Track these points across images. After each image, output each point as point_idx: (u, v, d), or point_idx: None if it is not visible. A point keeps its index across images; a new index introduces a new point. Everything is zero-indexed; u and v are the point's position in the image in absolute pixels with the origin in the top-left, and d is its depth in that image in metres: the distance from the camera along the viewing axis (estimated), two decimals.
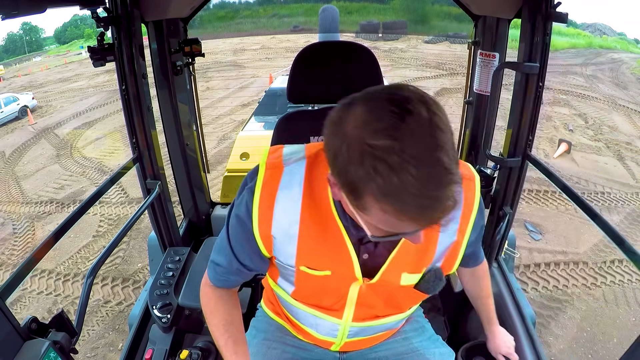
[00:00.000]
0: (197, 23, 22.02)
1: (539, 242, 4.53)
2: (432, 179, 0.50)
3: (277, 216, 0.73)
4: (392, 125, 0.50)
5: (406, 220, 0.53)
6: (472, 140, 1.82)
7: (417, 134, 0.50)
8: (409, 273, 0.80)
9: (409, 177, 0.49)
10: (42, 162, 8.02)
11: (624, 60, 17.25)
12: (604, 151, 7.35)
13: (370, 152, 0.50)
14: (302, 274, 0.80)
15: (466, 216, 0.78)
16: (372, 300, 0.85)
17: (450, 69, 14.23)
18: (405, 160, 0.49)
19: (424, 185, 0.50)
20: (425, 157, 0.50)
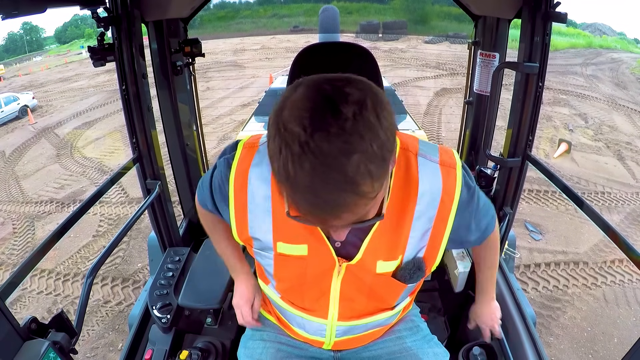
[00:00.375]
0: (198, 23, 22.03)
1: (539, 242, 4.53)
2: (326, 182, 0.50)
3: (252, 188, 0.77)
4: (311, 117, 0.50)
5: (300, 209, 0.55)
6: (472, 140, 1.82)
7: (332, 134, 0.49)
8: (384, 260, 0.79)
9: (303, 171, 0.50)
10: (42, 161, 8.02)
11: (624, 60, 17.25)
12: (604, 151, 7.35)
13: (282, 134, 0.51)
14: (280, 258, 0.81)
15: (446, 204, 0.75)
16: (354, 294, 0.85)
17: (451, 69, 14.23)
18: (306, 153, 0.49)
19: (314, 184, 0.50)
20: (328, 159, 0.49)
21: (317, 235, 0.77)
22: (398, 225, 0.76)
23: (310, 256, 0.79)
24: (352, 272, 0.81)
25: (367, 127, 0.51)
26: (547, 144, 7.51)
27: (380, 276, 0.82)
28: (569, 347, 3.19)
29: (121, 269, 4.29)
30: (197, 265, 1.39)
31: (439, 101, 10.37)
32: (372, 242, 0.77)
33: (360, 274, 0.81)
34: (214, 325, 1.50)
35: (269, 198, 0.76)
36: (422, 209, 0.75)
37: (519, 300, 1.44)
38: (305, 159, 0.49)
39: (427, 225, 0.77)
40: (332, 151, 0.49)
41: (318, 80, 0.56)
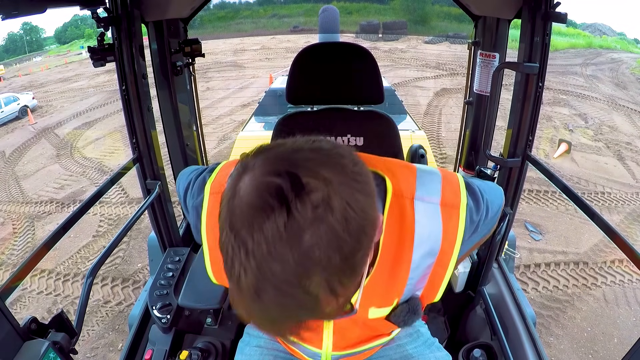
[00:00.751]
0: (197, 23, 22.02)
1: (539, 242, 4.53)
2: (279, 307, 0.43)
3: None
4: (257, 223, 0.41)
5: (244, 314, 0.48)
6: (472, 140, 1.82)
7: (280, 253, 0.40)
8: (376, 307, 0.75)
9: (247, 274, 0.42)
10: (42, 161, 8.02)
11: (623, 60, 17.24)
12: (604, 151, 7.35)
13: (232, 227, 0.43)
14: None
15: (446, 252, 0.69)
16: (348, 331, 0.85)
17: (450, 69, 14.23)
18: (251, 250, 0.41)
19: (256, 290, 0.42)
20: (281, 284, 0.41)
21: None
22: (392, 275, 0.70)
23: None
24: (342, 322, 0.81)
25: (329, 235, 0.41)
26: (547, 144, 7.51)
27: (372, 320, 0.78)
28: (569, 347, 3.19)
29: (121, 269, 4.29)
30: (197, 265, 1.39)
31: (439, 101, 10.37)
32: (364, 293, 0.68)
33: (351, 322, 0.80)
34: (214, 325, 1.50)
35: None
36: (419, 258, 0.69)
37: (518, 300, 1.44)
38: (249, 260, 0.41)
39: (426, 271, 0.72)
40: (283, 275, 0.41)
41: (274, 162, 0.45)
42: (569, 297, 3.71)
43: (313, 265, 0.41)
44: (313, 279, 0.41)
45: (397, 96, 5.94)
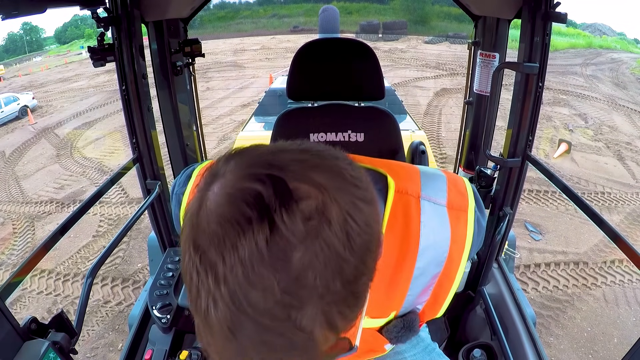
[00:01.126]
0: (197, 23, 22.01)
1: (539, 242, 4.53)
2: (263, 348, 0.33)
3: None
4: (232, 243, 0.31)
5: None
6: (472, 140, 1.82)
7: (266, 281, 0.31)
8: (370, 318, 0.68)
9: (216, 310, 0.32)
10: (42, 161, 8.02)
11: (623, 60, 17.24)
12: (604, 151, 7.35)
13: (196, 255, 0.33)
14: None
15: (454, 259, 0.61)
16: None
17: (450, 69, 14.23)
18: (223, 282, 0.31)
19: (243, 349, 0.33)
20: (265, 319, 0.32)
21: None
22: (392, 283, 0.63)
23: None
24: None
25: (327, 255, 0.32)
26: (547, 144, 7.51)
27: (365, 330, 0.70)
28: (568, 347, 3.19)
29: (121, 269, 4.29)
30: None
31: (439, 101, 10.37)
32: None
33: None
34: None
35: None
36: (423, 266, 0.61)
37: (518, 300, 1.44)
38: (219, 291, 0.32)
39: (430, 282, 0.64)
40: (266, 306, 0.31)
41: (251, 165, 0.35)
42: (568, 297, 3.71)
43: (306, 293, 0.32)
44: (306, 311, 0.32)
45: (397, 96, 5.94)
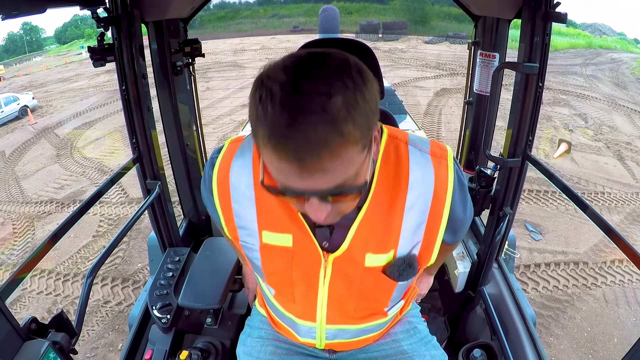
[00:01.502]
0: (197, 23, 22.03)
1: (539, 242, 4.53)
2: (305, 116, 0.48)
3: (233, 181, 0.76)
4: (294, 66, 0.50)
5: (274, 154, 0.51)
6: (472, 140, 1.82)
7: (313, 76, 0.50)
8: (373, 253, 0.76)
9: (283, 108, 0.48)
10: (42, 161, 8.02)
11: (623, 60, 17.25)
12: (604, 151, 7.36)
13: (264, 83, 0.51)
14: (266, 249, 0.78)
15: (440, 197, 0.73)
16: (343, 295, 0.82)
17: (450, 69, 14.23)
18: (287, 92, 0.49)
19: (294, 119, 0.48)
20: (310, 95, 0.48)
21: (301, 225, 0.75)
22: (388, 215, 0.73)
23: (295, 247, 0.77)
24: (340, 267, 0.78)
25: (351, 80, 0.51)
26: (547, 144, 7.51)
27: (369, 271, 0.78)
28: (568, 347, 3.19)
29: (121, 269, 4.29)
30: (197, 265, 1.39)
31: (439, 101, 10.37)
32: (359, 231, 0.74)
33: (348, 268, 0.78)
34: (213, 325, 1.50)
35: (251, 186, 0.75)
36: (413, 198, 0.72)
37: (518, 300, 1.45)
38: (285, 98, 0.48)
39: (421, 218, 0.74)
40: (314, 89, 0.48)
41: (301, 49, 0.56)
42: (568, 297, 3.71)
43: (338, 91, 0.50)
44: (337, 99, 0.49)
45: (397, 96, 5.93)
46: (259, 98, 0.50)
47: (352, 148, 0.52)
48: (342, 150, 0.51)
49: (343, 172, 0.54)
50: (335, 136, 0.49)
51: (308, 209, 0.60)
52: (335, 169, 0.53)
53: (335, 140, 0.50)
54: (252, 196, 0.75)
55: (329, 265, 0.78)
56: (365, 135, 0.54)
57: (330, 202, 0.59)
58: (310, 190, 0.55)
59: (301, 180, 0.53)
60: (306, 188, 0.55)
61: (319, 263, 0.78)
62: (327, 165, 0.51)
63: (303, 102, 0.48)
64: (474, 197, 1.51)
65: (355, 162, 0.55)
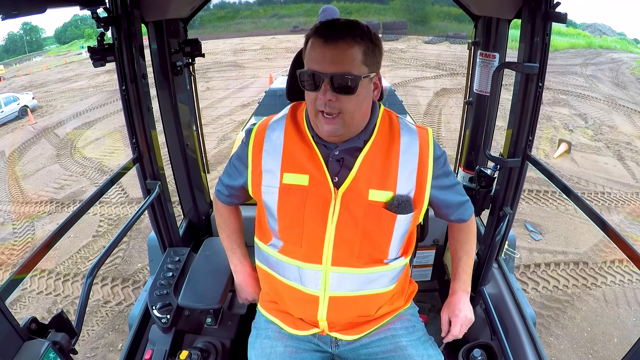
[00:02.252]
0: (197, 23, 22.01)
1: (539, 242, 4.53)
2: (336, 21, 0.88)
3: (269, 132, 1.01)
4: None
5: (316, 38, 0.85)
6: (472, 140, 1.82)
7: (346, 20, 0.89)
8: (376, 189, 0.94)
9: (327, 22, 0.86)
10: (42, 161, 8.02)
11: (623, 60, 17.25)
12: (604, 151, 7.36)
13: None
14: (284, 189, 0.96)
15: (424, 150, 0.97)
16: (348, 235, 0.94)
17: (450, 69, 14.23)
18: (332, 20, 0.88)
19: (332, 22, 0.87)
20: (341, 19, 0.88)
21: (317, 166, 0.95)
22: (387, 158, 0.95)
23: (310, 186, 0.94)
24: (347, 204, 0.94)
25: (368, 30, 0.87)
26: (547, 144, 7.51)
27: (372, 206, 0.94)
28: (568, 347, 3.19)
29: (121, 269, 4.29)
30: (197, 265, 1.39)
31: (439, 101, 10.37)
32: (362, 167, 0.94)
33: (354, 204, 0.93)
34: (213, 325, 1.50)
35: (281, 137, 0.98)
36: (405, 148, 0.96)
37: (518, 300, 1.45)
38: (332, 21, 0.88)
39: (413, 164, 0.95)
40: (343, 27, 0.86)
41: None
42: (568, 297, 3.71)
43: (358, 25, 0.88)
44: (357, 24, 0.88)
45: (397, 96, 5.94)
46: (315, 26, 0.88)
47: (357, 50, 0.85)
48: (351, 46, 0.84)
49: (348, 64, 0.84)
50: (350, 37, 0.84)
51: (320, 97, 0.86)
52: (343, 57, 0.84)
53: (349, 38, 0.84)
54: (281, 144, 0.98)
55: (338, 201, 0.94)
56: (368, 56, 0.87)
57: (335, 92, 0.85)
58: (325, 72, 0.84)
59: (322, 60, 0.85)
60: (322, 69, 0.85)
61: (329, 199, 0.94)
62: (341, 47, 0.84)
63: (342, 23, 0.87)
64: (474, 197, 1.51)
65: (356, 64, 0.85)
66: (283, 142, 0.97)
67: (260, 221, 1.06)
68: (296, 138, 0.97)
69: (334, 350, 1.08)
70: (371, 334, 1.07)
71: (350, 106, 0.88)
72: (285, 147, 0.97)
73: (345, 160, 0.95)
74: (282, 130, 0.98)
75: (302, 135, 0.98)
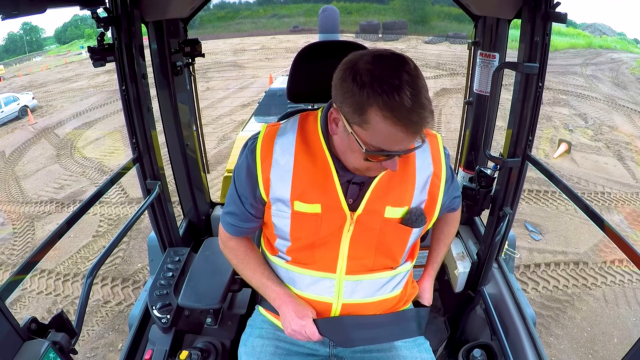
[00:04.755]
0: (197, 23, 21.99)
1: (539, 242, 4.53)
2: (419, 101, 0.71)
3: (276, 155, 0.90)
4: (393, 66, 0.73)
5: (399, 128, 0.72)
6: (472, 140, 1.82)
7: (410, 74, 0.72)
8: (392, 206, 0.91)
9: (405, 97, 0.70)
10: (42, 161, 8.02)
11: (623, 60, 17.24)
12: (604, 151, 7.35)
13: (378, 78, 0.71)
14: (296, 216, 0.90)
15: (437, 161, 0.94)
16: (363, 248, 0.93)
17: (450, 69, 14.23)
18: (403, 86, 0.70)
19: (414, 103, 0.71)
20: (416, 88, 0.71)
21: (331, 193, 0.89)
22: (404, 174, 0.91)
23: (324, 212, 0.89)
24: (362, 222, 0.90)
25: (421, 74, 0.75)
26: (547, 144, 7.51)
27: (387, 222, 0.91)
28: (568, 347, 3.19)
29: (121, 269, 4.29)
30: (197, 265, 1.39)
31: (439, 101, 10.37)
32: (379, 186, 0.90)
33: (370, 221, 0.90)
34: (213, 325, 1.50)
35: (291, 158, 0.89)
36: (420, 161, 0.92)
37: (518, 300, 1.45)
38: (405, 89, 0.70)
39: (427, 175, 0.93)
40: (416, 84, 0.72)
41: (374, 49, 0.78)
42: (568, 297, 3.71)
43: (425, 85, 0.74)
44: (425, 89, 0.74)
45: None
46: (379, 92, 0.71)
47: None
48: (429, 122, 0.75)
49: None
50: (429, 113, 0.73)
51: (386, 164, 0.80)
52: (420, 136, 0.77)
53: (429, 119, 0.74)
54: (291, 168, 0.89)
55: (353, 223, 0.91)
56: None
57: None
58: (402, 150, 0.77)
59: (403, 144, 0.76)
60: (400, 149, 0.77)
61: (344, 222, 0.90)
62: (421, 133, 0.75)
63: (417, 93, 0.72)
64: (474, 197, 1.51)
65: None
66: (293, 168, 0.89)
67: (268, 237, 1.02)
68: (308, 163, 0.89)
69: (331, 350, 1.07)
70: None
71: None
72: (295, 174, 0.88)
73: (365, 183, 0.90)
74: (292, 154, 0.89)
75: (314, 158, 0.88)
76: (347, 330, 0.98)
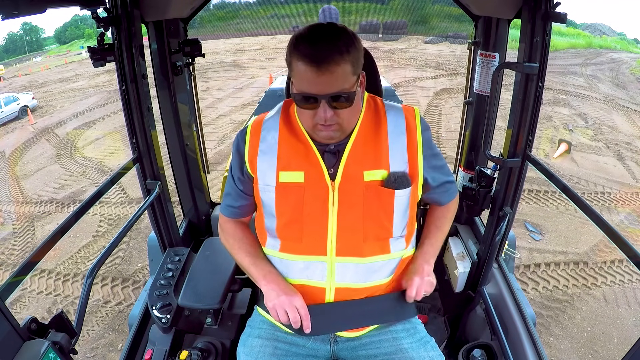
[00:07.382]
0: (197, 23, 22.02)
1: (539, 242, 4.53)
2: (322, 41, 0.84)
3: (264, 133, 1.02)
4: (312, 26, 0.88)
5: (306, 63, 0.83)
6: (472, 140, 1.82)
7: (324, 27, 0.87)
8: (370, 170, 0.96)
9: (313, 39, 0.85)
10: (42, 161, 8.02)
11: (623, 60, 17.23)
12: (604, 151, 7.36)
13: (297, 34, 0.87)
14: (281, 187, 0.97)
15: (411, 125, 1.00)
16: (350, 219, 0.96)
17: (450, 69, 14.23)
18: (312, 34, 0.86)
19: (318, 42, 0.84)
20: (325, 33, 0.85)
21: (313, 162, 0.96)
22: (376, 137, 0.98)
23: (306, 182, 0.96)
24: (345, 192, 0.95)
25: (349, 33, 0.87)
26: (547, 144, 7.52)
27: (369, 186, 0.96)
28: (568, 347, 3.19)
29: (121, 269, 4.29)
30: (197, 265, 1.39)
31: (439, 101, 10.37)
32: (353, 152, 0.96)
33: (351, 189, 0.95)
34: (213, 325, 1.50)
35: (276, 137, 1.00)
36: (392, 126, 0.99)
37: (518, 300, 1.45)
38: (309, 29, 0.86)
39: (402, 140, 0.98)
40: (327, 31, 0.86)
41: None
42: (568, 297, 3.71)
43: (342, 29, 0.88)
44: (341, 28, 0.87)
45: (397, 96, 5.91)
46: (295, 41, 0.86)
47: (346, 65, 0.84)
48: (340, 64, 0.83)
49: (341, 81, 0.85)
50: (337, 55, 0.83)
51: (319, 112, 0.88)
52: (336, 77, 0.84)
53: (336, 56, 0.83)
54: (276, 143, 0.99)
55: (336, 192, 0.96)
56: (355, 64, 0.87)
57: (332, 107, 0.87)
58: (320, 94, 0.85)
59: (315, 84, 0.84)
60: (318, 92, 0.85)
61: (327, 192, 0.96)
62: (332, 69, 0.83)
63: (321, 27, 0.86)
64: (474, 197, 1.51)
65: (348, 78, 0.86)
66: (278, 142, 0.99)
67: (258, 223, 1.06)
68: (290, 136, 0.99)
69: (332, 347, 1.06)
70: (371, 333, 1.06)
71: (346, 114, 0.91)
72: (280, 146, 0.99)
73: (340, 151, 0.97)
74: (277, 130, 1.00)
75: (296, 133, 0.99)
76: (336, 313, 1.01)
